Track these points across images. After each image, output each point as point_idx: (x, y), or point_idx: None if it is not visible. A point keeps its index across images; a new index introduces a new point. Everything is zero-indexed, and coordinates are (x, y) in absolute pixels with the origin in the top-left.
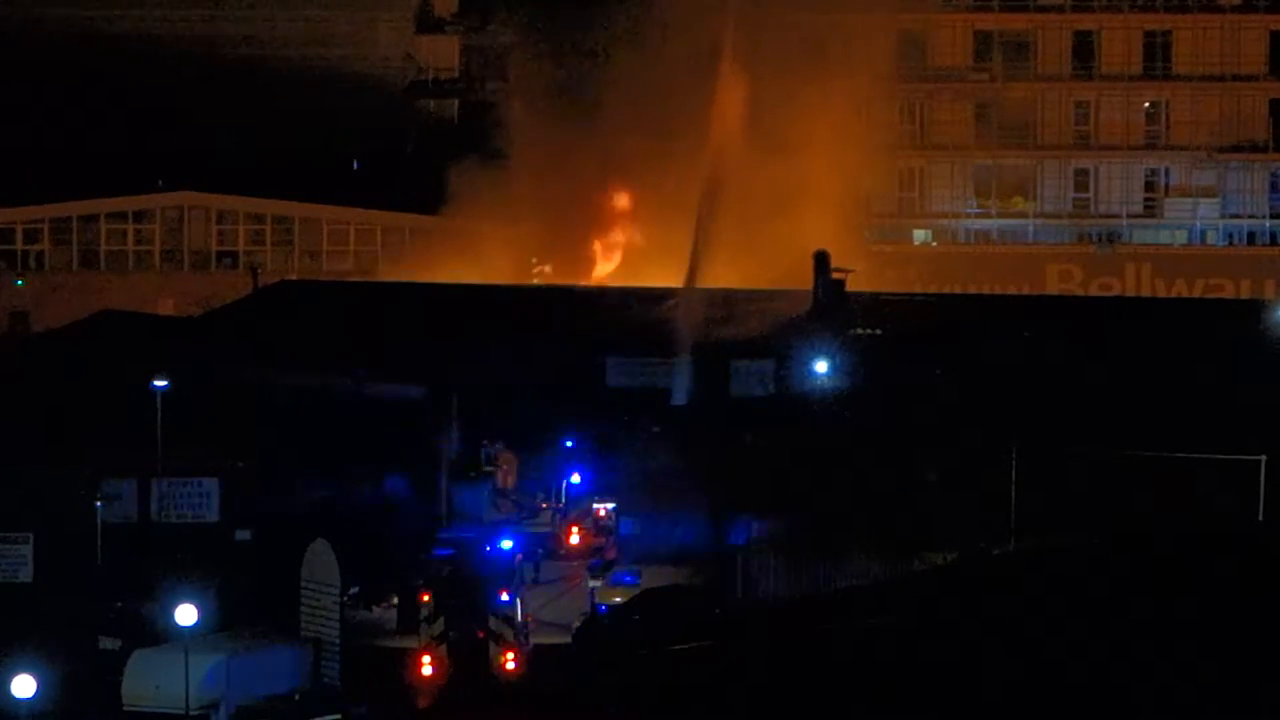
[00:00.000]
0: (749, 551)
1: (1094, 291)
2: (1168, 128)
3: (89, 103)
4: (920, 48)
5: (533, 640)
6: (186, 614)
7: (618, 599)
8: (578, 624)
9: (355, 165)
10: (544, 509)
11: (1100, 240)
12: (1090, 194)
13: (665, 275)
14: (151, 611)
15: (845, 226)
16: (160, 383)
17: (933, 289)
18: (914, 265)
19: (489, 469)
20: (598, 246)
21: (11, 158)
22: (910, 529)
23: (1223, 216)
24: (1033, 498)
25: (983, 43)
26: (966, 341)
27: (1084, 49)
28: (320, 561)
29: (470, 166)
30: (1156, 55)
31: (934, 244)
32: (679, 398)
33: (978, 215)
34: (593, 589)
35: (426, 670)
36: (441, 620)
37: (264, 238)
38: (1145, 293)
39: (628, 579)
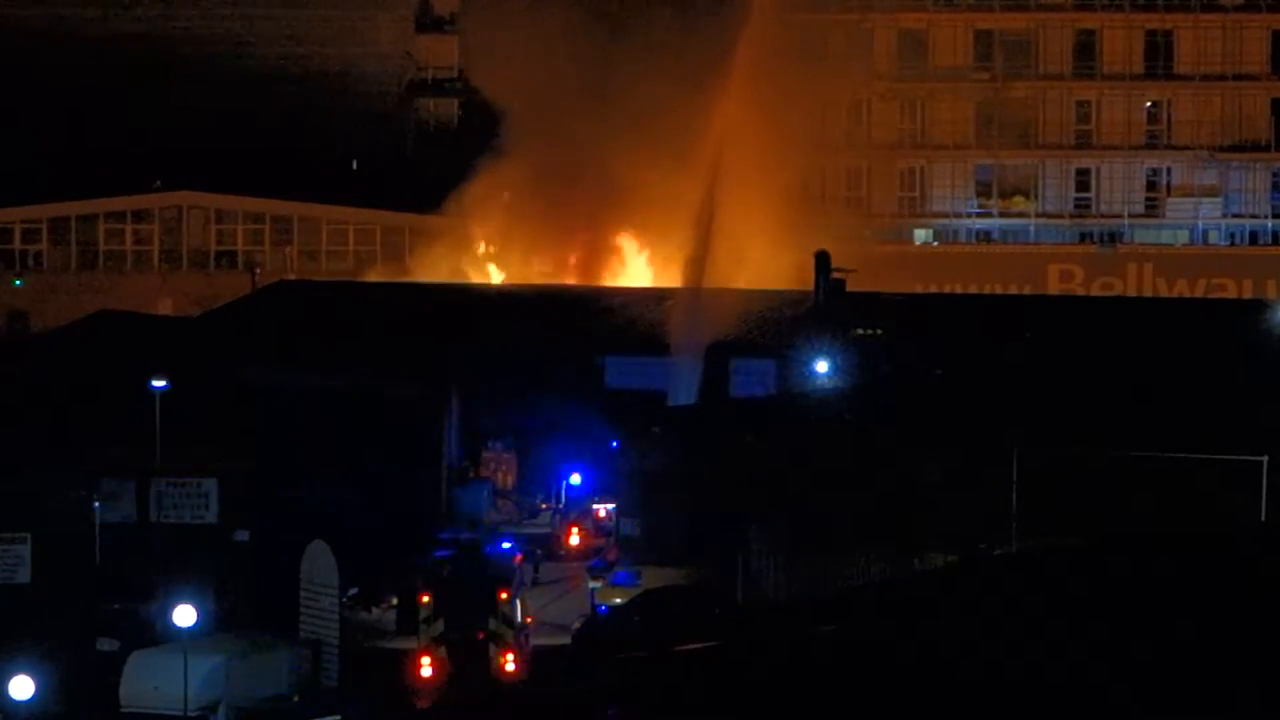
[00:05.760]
0: (749, 551)
1: (1095, 291)
2: (1169, 127)
3: (88, 103)
4: (920, 48)
5: (533, 641)
6: (185, 615)
7: (618, 599)
8: (578, 624)
9: (355, 165)
10: (544, 509)
11: (1102, 240)
12: (1092, 194)
13: (668, 275)
14: (150, 612)
15: (845, 226)
16: (159, 383)
17: (933, 289)
18: (914, 265)
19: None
20: (599, 247)
21: (11, 158)
22: (910, 529)
23: (1224, 216)
24: (1033, 498)
25: (983, 42)
26: (966, 341)
27: (1085, 48)
28: (320, 562)
29: (470, 166)
30: (1158, 54)
31: (934, 244)
32: (679, 398)
33: (979, 215)
34: (593, 589)
35: (426, 671)
36: (441, 621)
37: (263, 238)
38: (1147, 293)
39: (628, 579)
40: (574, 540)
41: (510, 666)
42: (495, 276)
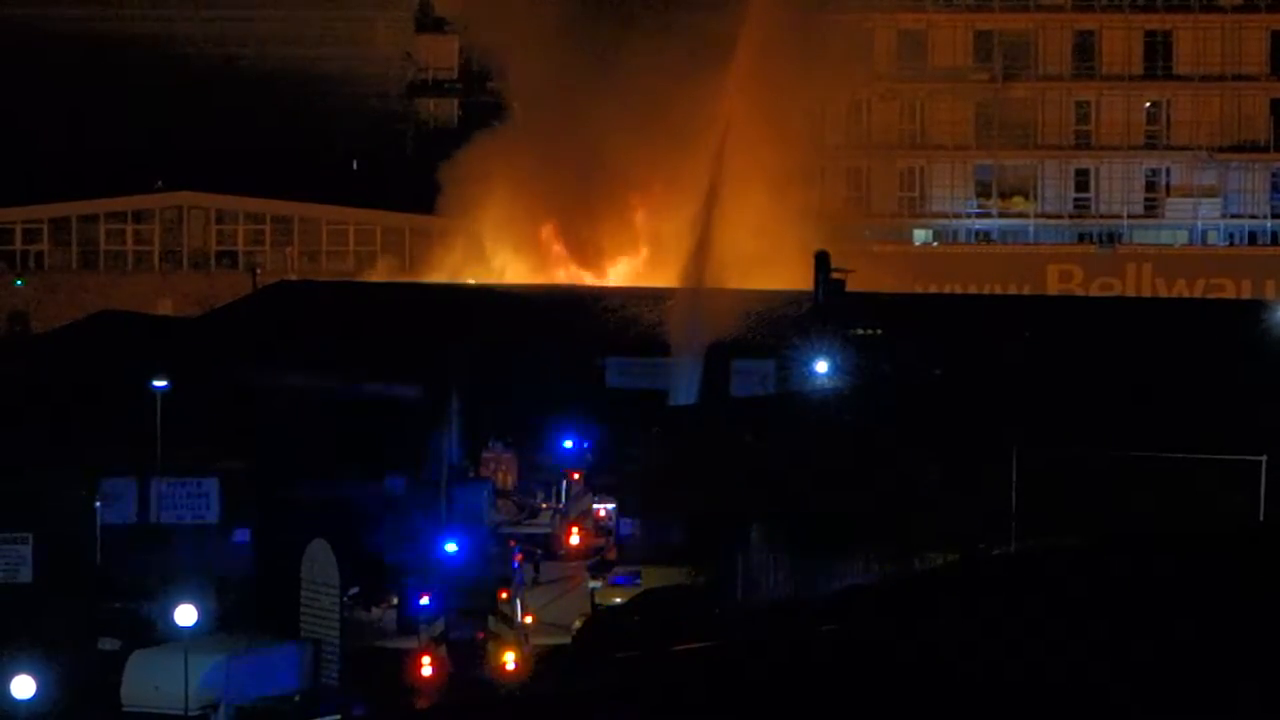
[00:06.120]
0: (749, 551)
1: (1094, 292)
2: (1168, 128)
3: (89, 103)
4: (920, 48)
5: (533, 640)
6: (186, 614)
7: (618, 599)
8: (578, 624)
9: (355, 165)
10: (544, 509)
11: (1101, 240)
12: (1091, 194)
13: (668, 276)
14: (151, 611)
15: (845, 226)
16: (160, 383)
17: (933, 289)
18: (914, 265)
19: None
20: (600, 247)
21: (11, 158)
22: (910, 529)
23: (1223, 216)
24: (1033, 498)
25: (983, 43)
26: (966, 341)
27: (1085, 49)
28: (320, 561)
29: (470, 166)
30: (1157, 55)
31: (934, 244)
32: (679, 398)
33: (978, 215)
34: (593, 589)
35: (426, 671)
36: (441, 620)
37: (263, 238)
38: (1146, 293)
39: (628, 579)
40: (574, 540)
41: (510, 666)
42: (495, 276)
